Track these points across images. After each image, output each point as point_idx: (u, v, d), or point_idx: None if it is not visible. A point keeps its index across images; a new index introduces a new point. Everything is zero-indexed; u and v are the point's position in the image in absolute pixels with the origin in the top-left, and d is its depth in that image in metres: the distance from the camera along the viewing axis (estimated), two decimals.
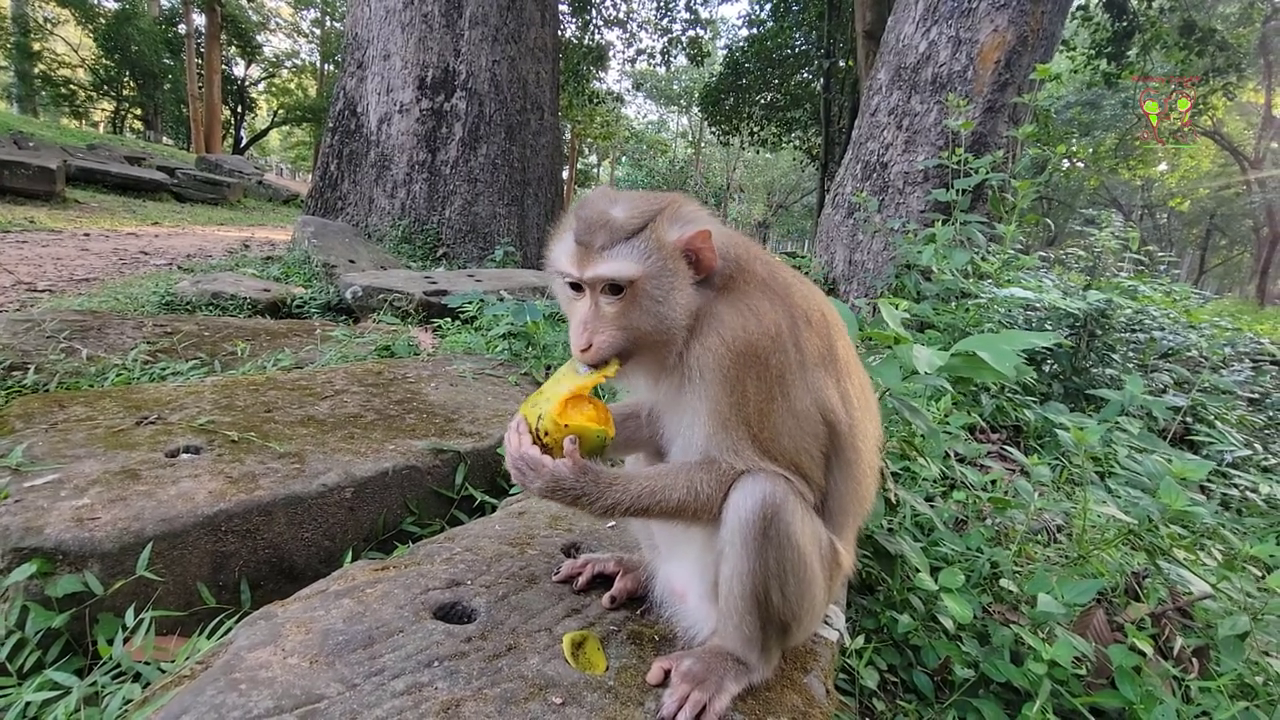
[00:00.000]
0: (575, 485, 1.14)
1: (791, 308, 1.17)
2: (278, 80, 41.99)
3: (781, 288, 1.19)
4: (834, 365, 1.21)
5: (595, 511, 1.14)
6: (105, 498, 1.66)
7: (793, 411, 1.14)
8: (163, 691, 1.07)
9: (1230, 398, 3.90)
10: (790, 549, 1.10)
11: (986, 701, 1.61)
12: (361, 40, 8.29)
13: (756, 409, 1.11)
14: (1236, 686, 1.64)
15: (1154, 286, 4.56)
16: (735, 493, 1.12)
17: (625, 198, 1.19)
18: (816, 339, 1.18)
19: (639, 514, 1.14)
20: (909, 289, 4.23)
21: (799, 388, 1.14)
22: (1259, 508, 2.79)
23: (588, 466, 1.15)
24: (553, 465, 1.14)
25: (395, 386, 2.75)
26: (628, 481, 1.14)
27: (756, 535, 1.09)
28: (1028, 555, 2.17)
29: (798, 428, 1.14)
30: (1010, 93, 5.02)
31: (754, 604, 1.12)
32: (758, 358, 1.10)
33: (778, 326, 1.13)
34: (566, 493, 1.14)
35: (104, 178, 13.64)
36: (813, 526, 1.15)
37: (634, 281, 1.11)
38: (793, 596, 1.13)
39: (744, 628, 1.15)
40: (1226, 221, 36.93)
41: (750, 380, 1.10)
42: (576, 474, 1.14)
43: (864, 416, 1.25)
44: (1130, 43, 14.43)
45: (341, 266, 5.92)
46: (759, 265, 1.21)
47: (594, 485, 1.14)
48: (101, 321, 3.40)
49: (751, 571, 1.10)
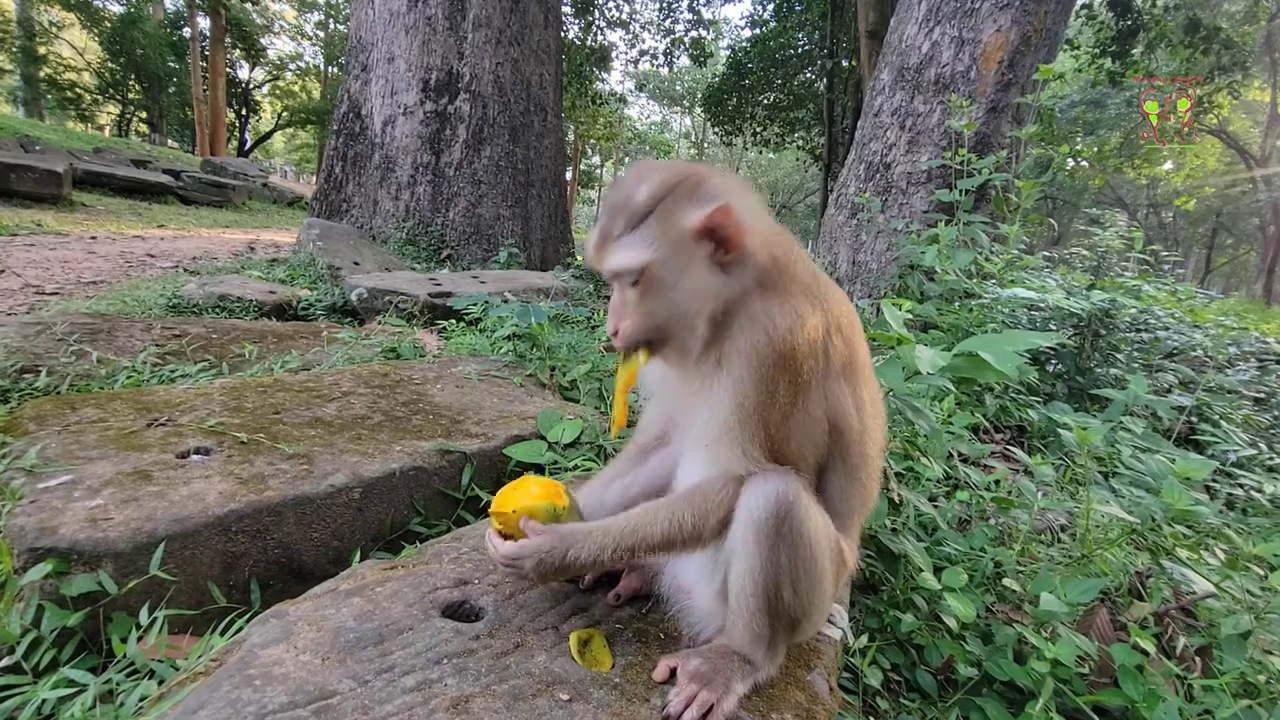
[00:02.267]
0: (557, 545, 1.17)
1: (828, 315, 1.17)
2: (282, 83, 42.13)
3: (822, 293, 1.18)
4: (854, 373, 1.21)
5: (586, 562, 1.17)
6: (118, 498, 1.68)
7: (808, 418, 1.15)
8: (178, 688, 1.09)
9: (1235, 397, 3.89)
10: (803, 546, 1.11)
11: (990, 700, 1.62)
12: (365, 43, 8.33)
13: (780, 411, 1.11)
14: (1239, 685, 1.64)
15: (1158, 286, 4.56)
16: (747, 492, 1.12)
17: (652, 173, 1.14)
18: (843, 347, 1.18)
19: (628, 554, 1.16)
20: (912, 289, 4.23)
21: (817, 395, 1.15)
22: (1264, 507, 2.79)
23: (557, 527, 1.20)
24: (525, 543, 1.19)
25: (401, 388, 2.77)
26: (607, 527, 1.18)
27: (770, 533, 1.09)
28: (1031, 555, 2.18)
29: (804, 434, 1.15)
30: (1013, 93, 5.02)
31: (765, 602, 1.13)
32: (796, 362, 1.10)
33: (817, 334, 1.13)
34: (556, 556, 1.17)
35: (110, 181, 13.70)
36: (823, 523, 1.16)
37: (643, 270, 1.10)
38: (804, 593, 1.13)
39: (754, 626, 1.16)
40: (1233, 220, 36.74)
41: (783, 383, 1.10)
42: (552, 538, 1.18)
43: (873, 422, 1.26)
44: (1135, 41, 14.39)
45: (346, 269, 5.95)
46: (801, 266, 1.19)
47: (571, 540, 1.17)
48: (111, 324, 3.43)
49: (764, 569, 1.11)
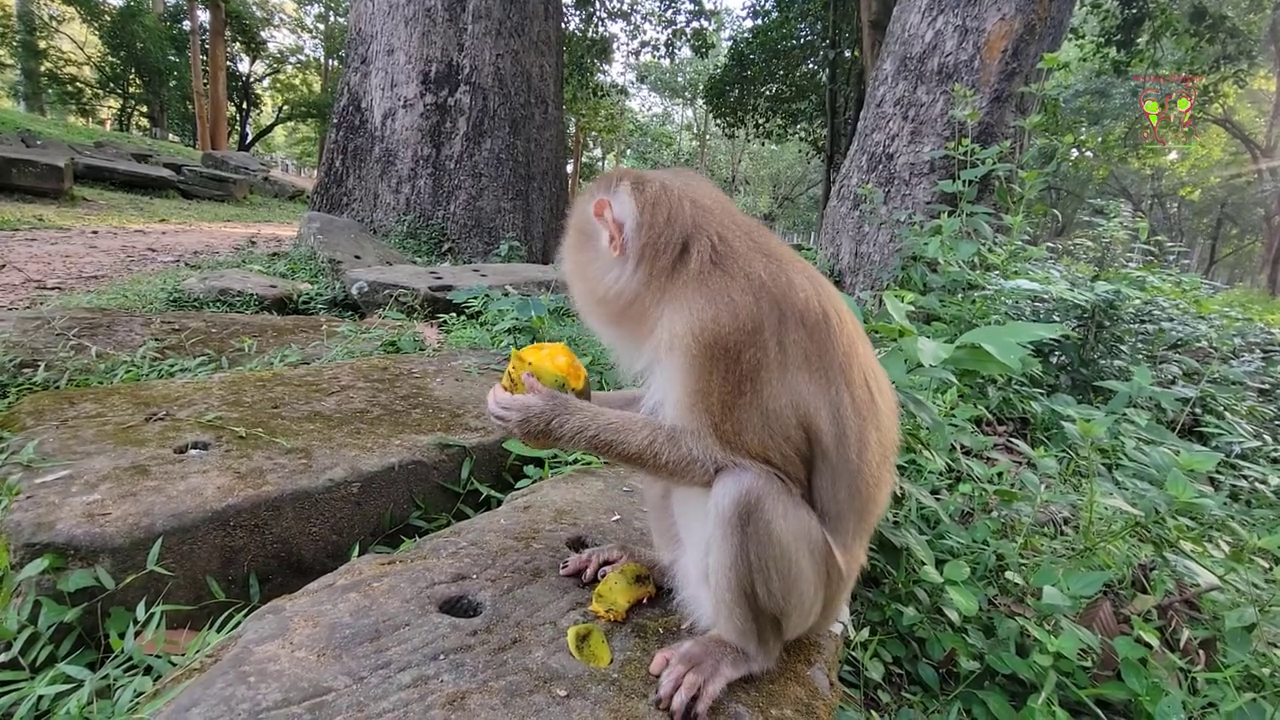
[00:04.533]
0: (545, 410, 1.17)
1: (783, 303, 1.12)
2: (282, 76, 42.01)
3: (774, 281, 1.13)
4: (825, 370, 1.14)
5: (566, 434, 1.16)
6: (116, 493, 1.67)
7: (762, 410, 1.10)
8: (173, 684, 1.08)
9: (1240, 389, 3.86)
10: (772, 544, 1.08)
11: (992, 693, 1.61)
12: (365, 35, 8.29)
13: (720, 400, 1.09)
14: (1243, 678, 1.63)
15: (1163, 277, 4.52)
16: (717, 486, 1.11)
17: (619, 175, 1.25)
18: (807, 340, 1.13)
19: (603, 448, 1.16)
20: (915, 281, 4.21)
21: (775, 387, 1.10)
22: (1268, 499, 2.77)
23: (556, 393, 1.20)
24: (522, 397, 1.19)
25: (401, 382, 2.76)
26: (596, 414, 1.17)
27: (736, 529, 1.08)
28: (1034, 548, 2.16)
29: (765, 427, 1.11)
30: (1017, 82, 4.98)
31: (741, 596, 1.12)
32: (727, 352, 1.08)
33: (756, 322, 1.09)
34: (540, 418, 1.17)
35: (111, 175, 13.71)
36: (798, 521, 1.12)
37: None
38: (778, 591, 1.12)
39: (734, 619, 1.16)
40: (1238, 210, 36.54)
41: (717, 373, 1.08)
42: (545, 400, 1.18)
43: (866, 425, 1.17)
44: (1140, 30, 14.25)
45: (347, 262, 5.94)
46: (750, 258, 1.16)
47: (563, 409, 1.17)
48: (110, 319, 3.42)
49: (734, 564, 1.10)
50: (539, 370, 1.23)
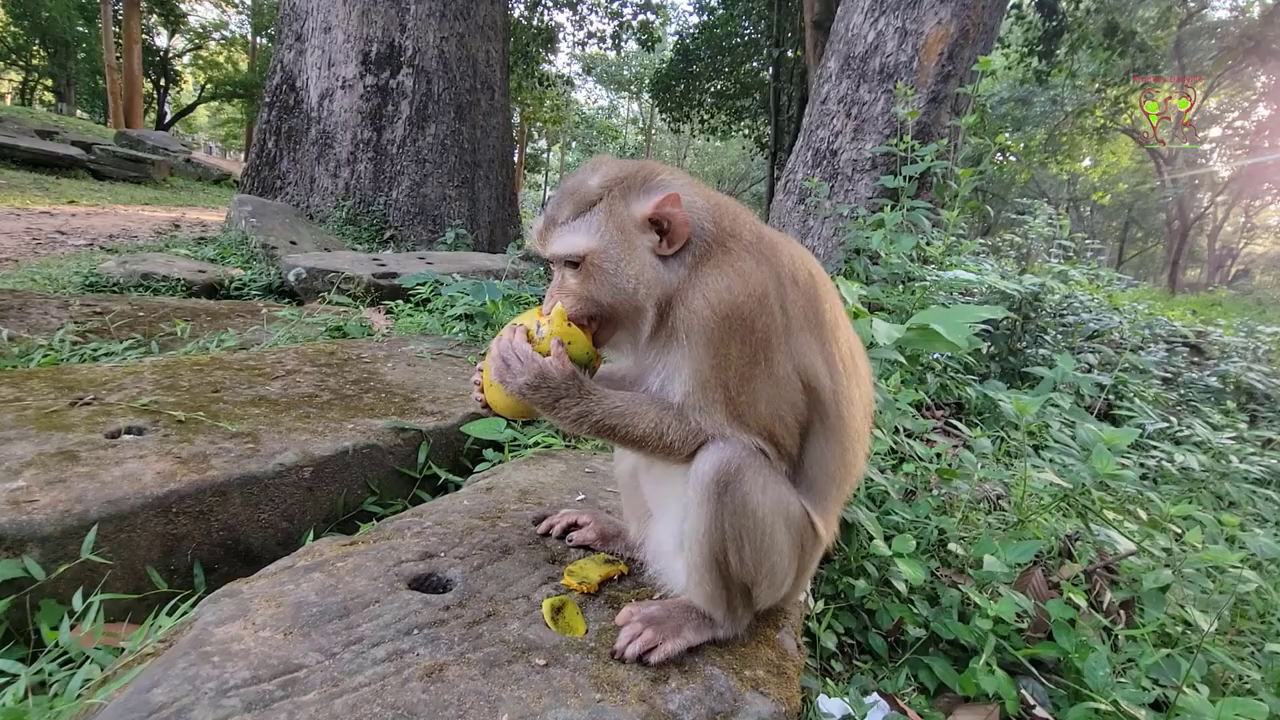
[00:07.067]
0: (560, 384, 1.13)
1: (778, 268, 1.17)
2: (205, 53, 39.55)
3: (769, 248, 1.19)
4: (819, 328, 1.20)
5: (570, 416, 1.13)
6: (42, 480, 1.57)
7: (774, 378, 1.13)
8: (125, 670, 1.02)
9: (1148, 377, 4.19)
10: (746, 516, 1.11)
11: (937, 659, 1.70)
12: (300, 11, 7.92)
13: (738, 373, 1.11)
14: (1159, 636, 1.78)
15: (1082, 271, 4.84)
16: (699, 456, 1.13)
17: (606, 165, 1.21)
18: (803, 300, 1.18)
19: (605, 433, 1.14)
20: (858, 273, 4.35)
21: (782, 353, 1.14)
22: (1174, 475, 3.01)
23: (575, 371, 1.15)
24: (544, 360, 1.14)
25: (350, 366, 2.68)
26: (604, 397, 1.14)
27: (712, 499, 1.10)
28: (972, 522, 2.29)
29: (776, 394, 1.14)
30: (953, 84, 5.20)
31: (712, 563, 1.15)
32: (743, 320, 1.10)
33: (764, 288, 1.13)
34: (550, 390, 1.13)
35: (12, 153, 12.64)
36: (776, 495, 1.15)
37: (585, 256, 1.14)
38: (750, 561, 1.14)
39: (704, 585, 1.18)
40: (1143, 215, 39.33)
41: (735, 344, 1.10)
42: (563, 374, 1.13)
43: (850, 382, 1.23)
44: (1059, 42, 15.13)
45: (282, 248, 5.69)
46: (745, 229, 1.21)
47: (577, 389, 1.14)
48: (22, 301, 3.18)
49: (708, 532, 1.12)
50: (573, 339, 1.17)
